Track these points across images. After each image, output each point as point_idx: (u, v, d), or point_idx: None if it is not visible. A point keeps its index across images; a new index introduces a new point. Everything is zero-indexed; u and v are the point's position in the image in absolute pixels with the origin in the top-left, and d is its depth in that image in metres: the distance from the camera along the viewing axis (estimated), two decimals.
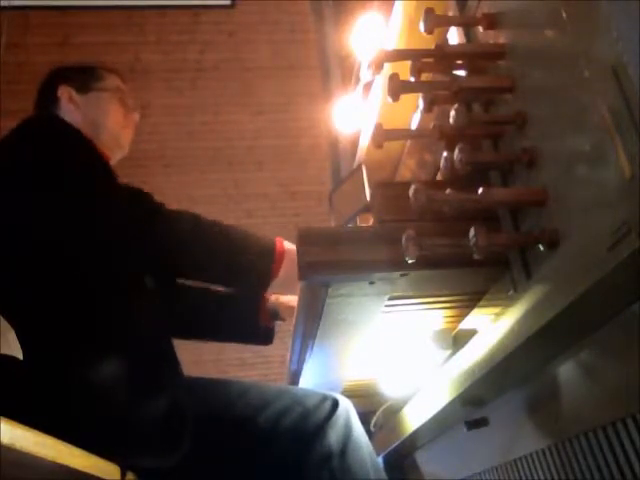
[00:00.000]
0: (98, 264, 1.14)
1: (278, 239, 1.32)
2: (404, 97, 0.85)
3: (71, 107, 1.37)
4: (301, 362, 1.24)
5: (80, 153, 1.22)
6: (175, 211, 1.30)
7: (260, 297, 1.51)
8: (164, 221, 1.23)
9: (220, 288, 1.52)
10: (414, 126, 1.25)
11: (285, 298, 1.50)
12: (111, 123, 1.39)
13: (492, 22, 0.83)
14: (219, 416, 1.14)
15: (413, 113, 1.26)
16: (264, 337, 1.51)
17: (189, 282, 1.44)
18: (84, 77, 1.41)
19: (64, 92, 1.38)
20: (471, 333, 0.94)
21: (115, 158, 1.41)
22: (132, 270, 1.17)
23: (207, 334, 1.59)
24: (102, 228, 1.15)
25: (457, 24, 0.96)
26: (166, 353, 1.19)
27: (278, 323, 1.52)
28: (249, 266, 1.28)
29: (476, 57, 0.85)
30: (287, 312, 1.49)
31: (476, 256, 0.70)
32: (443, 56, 0.84)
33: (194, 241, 1.24)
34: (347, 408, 1.18)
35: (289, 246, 1.28)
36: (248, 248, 1.28)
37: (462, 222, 0.73)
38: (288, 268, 1.27)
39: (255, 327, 1.49)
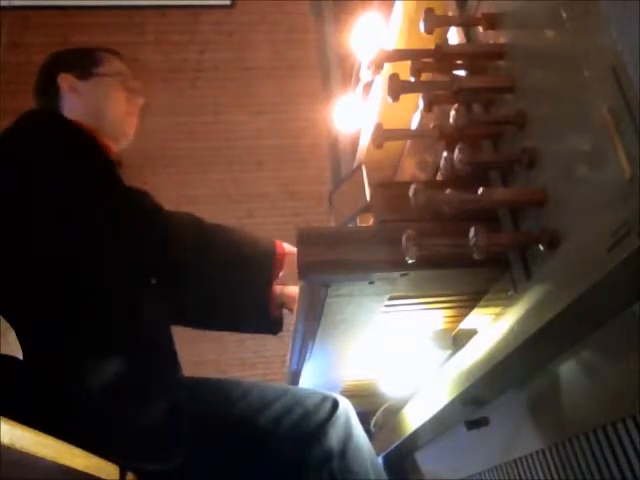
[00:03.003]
0: (98, 264, 1.14)
1: (278, 242, 1.32)
2: (404, 97, 0.85)
3: (73, 96, 1.33)
4: (301, 362, 1.24)
5: (79, 150, 1.21)
6: (177, 212, 1.29)
7: (269, 286, 1.48)
8: (167, 221, 1.23)
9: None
10: (414, 126, 1.25)
11: (290, 289, 1.47)
12: (114, 110, 1.35)
13: (492, 22, 0.83)
14: (220, 417, 1.13)
15: (413, 113, 1.26)
16: (274, 326, 1.47)
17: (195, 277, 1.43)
18: (84, 62, 1.37)
19: (64, 81, 1.34)
20: (471, 333, 0.94)
21: (120, 146, 1.38)
22: (132, 269, 1.17)
23: (219, 324, 1.54)
24: (102, 227, 1.14)
25: (457, 24, 0.96)
26: (166, 354, 1.19)
27: (285, 313, 1.50)
28: (249, 270, 1.27)
29: (476, 57, 0.85)
30: (293, 303, 1.46)
31: (476, 256, 0.70)
32: (443, 56, 0.84)
33: (196, 241, 1.24)
34: (347, 408, 1.17)
35: (289, 248, 1.29)
36: (249, 250, 1.28)
37: (462, 222, 0.73)
38: (288, 269, 1.28)
39: (266, 316, 1.45)
